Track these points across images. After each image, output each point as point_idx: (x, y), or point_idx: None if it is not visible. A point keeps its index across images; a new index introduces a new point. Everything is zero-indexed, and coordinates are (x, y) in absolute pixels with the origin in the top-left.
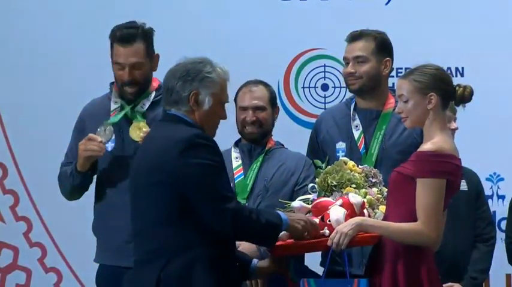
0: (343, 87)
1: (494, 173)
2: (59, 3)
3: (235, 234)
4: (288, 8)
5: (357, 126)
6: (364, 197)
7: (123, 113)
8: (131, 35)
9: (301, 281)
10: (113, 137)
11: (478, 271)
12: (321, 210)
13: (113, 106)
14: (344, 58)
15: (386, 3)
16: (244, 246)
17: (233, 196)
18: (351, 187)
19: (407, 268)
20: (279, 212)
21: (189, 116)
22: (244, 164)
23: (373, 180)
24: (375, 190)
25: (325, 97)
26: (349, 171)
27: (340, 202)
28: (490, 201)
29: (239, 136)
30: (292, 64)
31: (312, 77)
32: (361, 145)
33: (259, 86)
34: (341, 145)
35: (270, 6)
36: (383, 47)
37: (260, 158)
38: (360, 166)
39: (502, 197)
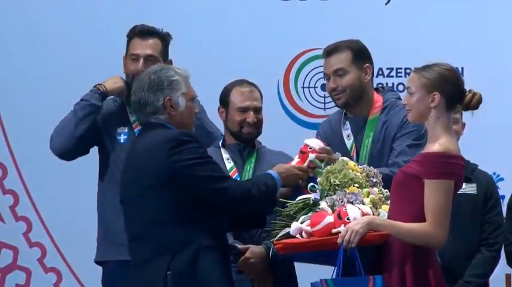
0: None
1: (494, 173)
2: (60, 3)
3: (242, 206)
4: (288, 8)
5: (348, 135)
6: (367, 197)
7: None
8: (151, 31)
9: (318, 281)
10: (126, 130)
11: (474, 275)
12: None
13: (132, 117)
14: (324, 75)
15: (386, 3)
16: (253, 248)
17: (227, 176)
18: (353, 186)
19: (415, 269)
20: (271, 172)
21: (168, 121)
22: (237, 165)
23: (374, 180)
24: (375, 189)
25: (324, 97)
26: (351, 170)
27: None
28: None
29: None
30: (292, 64)
31: (312, 77)
32: (353, 155)
33: (253, 87)
34: (337, 155)
35: (270, 6)
36: (360, 54)
37: (253, 159)
38: (360, 166)
39: (502, 197)
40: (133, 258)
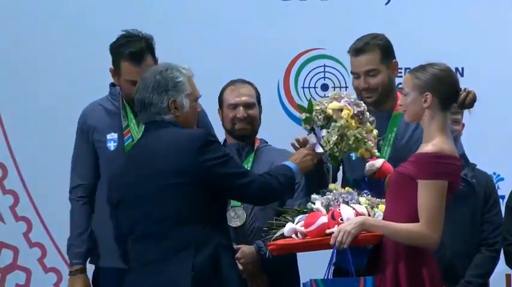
0: (343, 87)
1: (494, 173)
2: (59, 4)
3: (265, 199)
4: (288, 8)
5: None
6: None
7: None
8: (140, 53)
9: (308, 281)
10: (116, 137)
11: (475, 275)
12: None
13: (124, 123)
14: (353, 72)
15: (386, 3)
16: (243, 249)
17: (248, 171)
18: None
19: (409, 270)
20: (287, 163)
21: (174, 120)
22: None
23: (367, 116)
24: (362, 199)
25: (325, 97)
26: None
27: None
28: None
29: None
30: (292, 64)
31: (312, 77)
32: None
33: (245, 84)
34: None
35: (270, 6)
36: (388, 51)
37: (250, 159)
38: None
39: (502, 197)
40: (142, 258)
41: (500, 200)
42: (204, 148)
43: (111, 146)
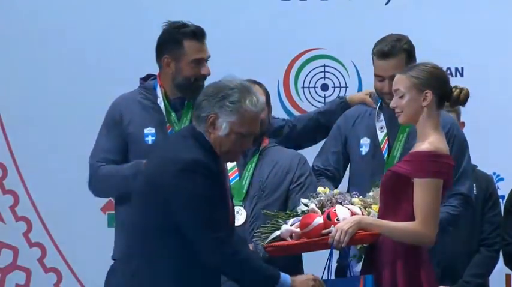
0: (343, 87)
1: (494, 173)
2: (60, 3)
3: (225, 268)
4: (288, 8)
5: (381, 127)
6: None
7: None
8: (202, 30)
9: None
10: (154, 131)
11: (473, 275)
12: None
13: (165, 116)
14: (377, 75)
15: (386, 3)
16: None
17: (226, 228)
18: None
19: (407, 269)
20: (283, 276)
21: (207, 134)
22: (238, 165)
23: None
24: (355, 200)
25: (324, 97)
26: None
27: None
28: None
29: None
30: (292, 64)
31: (312, 77)
32: (384, 147)
33: (256, 87)
34: (365, 141)
35: (270, 6)
36: (412, 55)
37: (255, 159)
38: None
39: (502, 197)
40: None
41: (500, 200)
42: (183, 172)
43: (149, 140)
